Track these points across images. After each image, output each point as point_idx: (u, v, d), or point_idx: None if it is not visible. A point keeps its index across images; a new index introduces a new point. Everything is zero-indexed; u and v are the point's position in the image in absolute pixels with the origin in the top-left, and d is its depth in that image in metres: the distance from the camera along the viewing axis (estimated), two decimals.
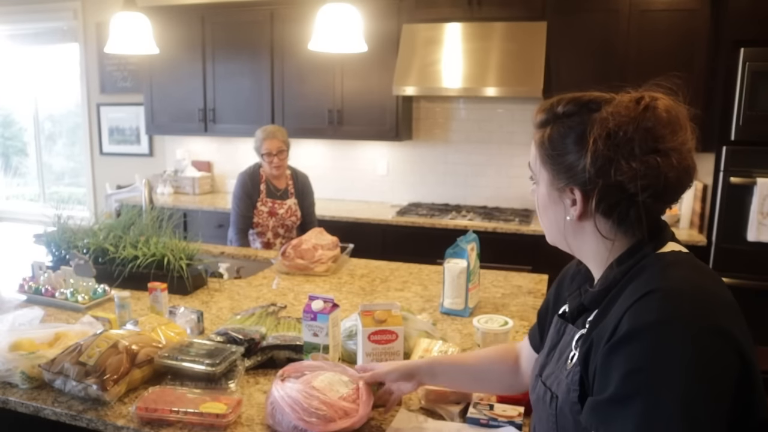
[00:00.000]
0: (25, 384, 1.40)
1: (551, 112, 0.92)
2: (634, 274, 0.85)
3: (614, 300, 0.84)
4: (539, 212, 0.98)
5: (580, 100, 0.89)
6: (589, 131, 0.85)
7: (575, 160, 0.87)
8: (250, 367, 1.51)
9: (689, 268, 0.84)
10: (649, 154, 0.82)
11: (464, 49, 3.63)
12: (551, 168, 0.91)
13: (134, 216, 2.42)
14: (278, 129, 3.16)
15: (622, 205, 0.85)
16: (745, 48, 3.02)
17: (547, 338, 1.02)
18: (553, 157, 0.91)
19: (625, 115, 0.84)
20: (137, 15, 2.55)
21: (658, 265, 0.84)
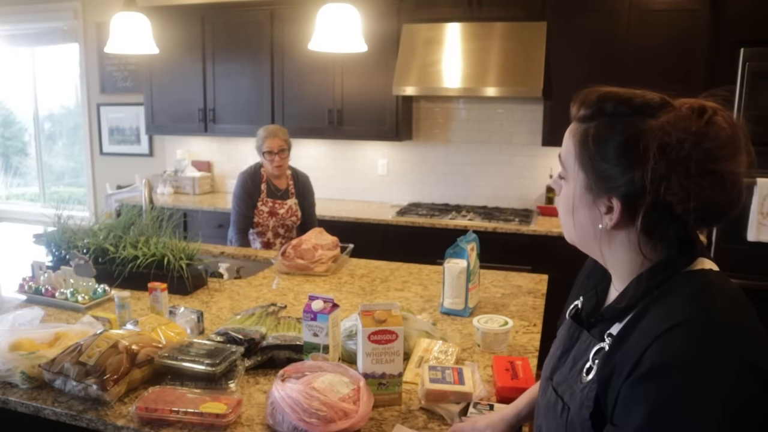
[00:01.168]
0: (25, 384, 1.40)
1: (598, 109, 0.83)
2: (662, 292, 0.79)
3: (639, 318, 0.78)
4: (564, 211, 0.91)
5: (632, 102, 0.80)
6: (642, 140, 0.77)
7: (621, 169, 0.79)
8: (250, 367, 1.51)
9: (721, 292, 0.78)
10: (705, 176, 0.75)
11: (464, 49, 3.63)
12: (591, 172, 0.83)
13: (134, 216, 2.42)
14: (280, 128, 3.17)
15: (664, 224, 0.78)
16: (745, 48, 3.02)
17: (559, 338, 0.99)
18: (595, 161, 0.82)
19: (685, 128, 0.76)
20: (137, 15, 2.55)
21: (689, 287, 0.78)
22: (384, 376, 1.33)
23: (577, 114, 0.86)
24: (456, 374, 1.37)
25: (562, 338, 0.97)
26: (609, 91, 0.83)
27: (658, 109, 0.79)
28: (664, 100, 0.80)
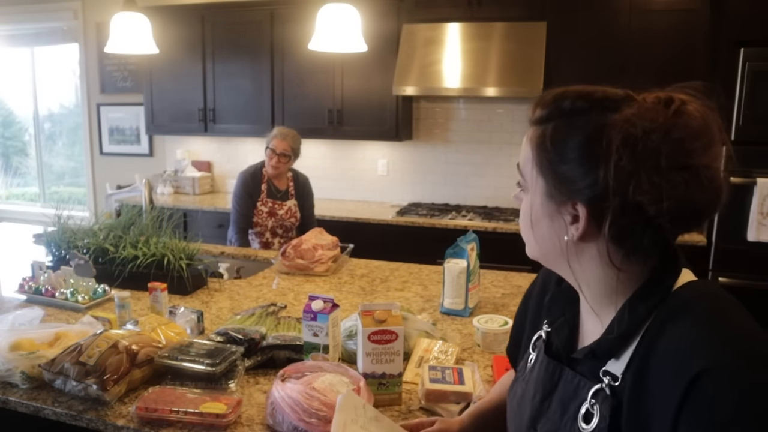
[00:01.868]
0: (25, 384, 1.40)
1: (555, 108, 0.75)
2: (664, 318, 0.70)
3: (647, 355, 0.69)
4: (526, 224, 0.81)
5: (592, 97, 0.73)
6: (604, 136, 0.69)
7: (583, 170, 0.71)
8: (250, 367, 1.51)
9: (729, 310, 0.70)
10: (677, 171, 0.67)
11: (464, 49, 3.63)
12: (551, 176, 0.75)
13: (134, 216, 2.42)
14: (293, 135, 3.16)
15: (637, 230, 0.70)
16: (745, 48, 3.02)
17: (533, 378, 0.85)
18: (554, 164, 0.74)
19: (651, 119, 0.68)
20: (137, 15, 2.55)
21: (697, 309, 0.69)
22: (384, 376, 1.33)
23: (533, 116, 0.78)
24: (456, 374, 1.37)
25: (539, 379, 0.84)
26: (566, 89, 0.76)
27: (621, 102, 0.72)
28: (627, 93, 0.74)
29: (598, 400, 0.72)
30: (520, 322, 1.03)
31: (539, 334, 0.90)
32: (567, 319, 0.85)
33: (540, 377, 0.83)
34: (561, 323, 0.85)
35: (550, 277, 0.94)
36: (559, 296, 0.88)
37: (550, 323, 0.88)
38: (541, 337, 0.89)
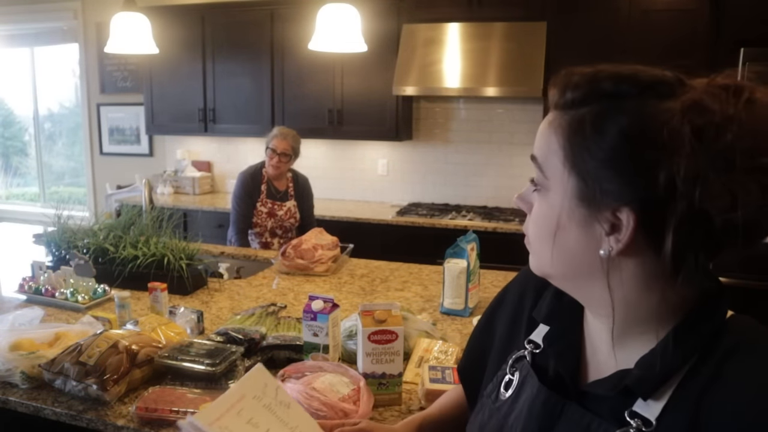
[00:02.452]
0: (25, 384, 1.40)
1: (591, 89, 0.59)
2: (723, 355, 0.58)
3: (700, 397, 0.57)
4: (544, 234, 0.64)
5: (638, 78, 0.58)
6: (665, 126, 0.55)
7: (635, 167, 0.56)
8: (250, 367, 1.51)
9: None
10: (754, 173, 0.53)
11: (464, 49, 3.63)
12: (589, 174, 0.59)
13: (134, 216, 2.42)
14: (293, 135, 3.17)
15: (696, 245, 0.57)
16: (745, 48, 3.02)
17: (521, 410, 0.70)
18: (595, 158, 0.58)
19: (722, 110, 0.54)
20: (137, 15, 2.55)
21: (760, 346, 0.59)
22: (384, 376, 1.33)
23: (560, 99, 0.62)
24: (456, 374, 1.37)
25: (533, 413, 0.68)
26: (598, 68, 0.60)
27: (677, 87, 0.58)
28: (678, 76, 0.59)
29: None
30: (483, 335, 0.88)
31: (520, 354, 0.75)
32: (571, 342, 0.70)
33: (533, 411, 0.68)
34: (564, 347, 0.70)
35: (533, 286, 0.80)
36: (557, 313, 0.73)
37: (546, 345, 0.73)
38: (524, 358, 0.74)
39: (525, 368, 0.73)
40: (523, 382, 0.72)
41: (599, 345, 0.68)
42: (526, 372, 0.73)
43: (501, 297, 0.89)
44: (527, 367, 0.73)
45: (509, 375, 0.75)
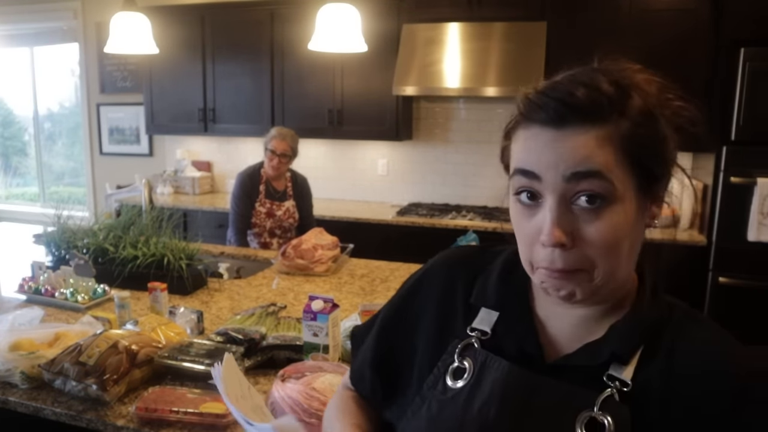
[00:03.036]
0: (25, 384, 1.40)
1: (617, 89, 0.67)
2: (679, 319, 0.70)
3: (668, 356, 0.67)
4: (616, 245, 0.65)
5: (617, 88, 0.67)
6: (661, 113, 0.68)
7: (662, 159, 0.69)
8: (250, 367, 1.51)
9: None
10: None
11: (464, 49, 3.63)
12: (648, 169, 0.66)
13: (134, 216, 2.42)
14: (291, 135, 3.17)
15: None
16: (745, 48, 3.02)
17: (489, 394, 0.71)
18: (651, 155, 0.66)
19: (660, 98, 0.70)
20: (137, 15, 2.55)
21: (700, 315, 0.73)
22: None
23: (593, 107, 0.65)
24: None
25: (507, 391, 0.70)
26: (591, 77, 0.69)
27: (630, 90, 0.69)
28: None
29: (608, 408, 0.65)
30: (396, 332, 0.85)
31: (468, 342, 0.76)
32: (529, 325, 0.74)
33: (508, 390, 0.70)
34: (524, 330, 0.74)
35: (459, 276, 0.82)
36: (508, 299, 0.76)
37: (502, 329, 0.75)
38: (472, 345, 0.75)
39: (479, 354, 0.74)
40: (482, 367, 0.73)
41: (558, 324, 0.73)
42: (484, 357, 0.74)
43: (413, 291, 0.86)
44: (482, 353, 0.74)
45: (458, 363, 0.75)
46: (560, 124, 0.64)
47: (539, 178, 0.65)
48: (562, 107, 0.64)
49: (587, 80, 0.66)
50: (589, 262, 0.65)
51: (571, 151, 0.63)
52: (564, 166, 0.63)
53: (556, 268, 0.65)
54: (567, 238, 0.64)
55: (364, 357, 0.88)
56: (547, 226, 0.64)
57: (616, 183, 0.63)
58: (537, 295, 0.76)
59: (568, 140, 0.63)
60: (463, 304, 0.80)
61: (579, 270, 0.65)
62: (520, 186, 0.67)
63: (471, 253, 0.87)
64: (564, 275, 0.65)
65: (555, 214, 0.64)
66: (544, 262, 0.66)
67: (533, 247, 0.67)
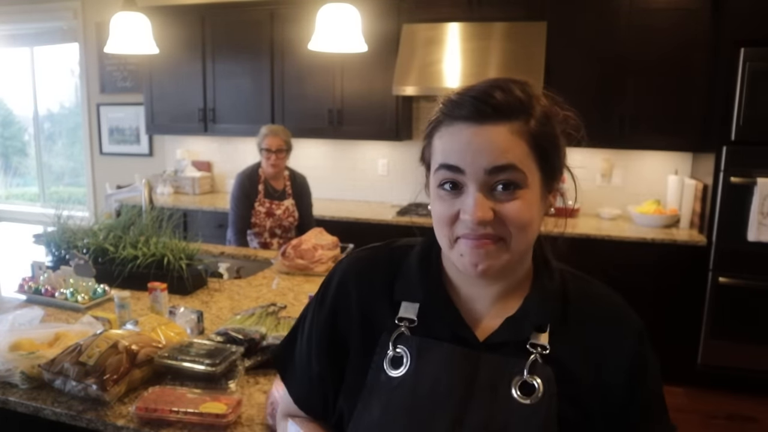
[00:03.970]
0: (25, 384, 1.40)
1: (519, 100, 0.75)
2: (568, 282, 0.85)
3: (570, 320, 0.81)
4: (523, 224, 0.75)
5: (524, 93, 0.76)
6: (551, 122, 0.78)
7: (559, 153, 0.80)
8: (250, 367, 1.51)
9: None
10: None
11: (464, 48, 3.63)
12: (551, 163, 0.78)
13: (134, 216, 2.42)
14: (282, 129, 3.18)
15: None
16: (745, 48, 3.02)
17: (441, 373, 0.78)
18: (554, 150, 0.78)
19: (552, 106, 0.81)
20: (137, 15, 2.55)
21: (583, 275, 0.88)
22: None
23: (505, 108, 0.74)
24: None
25: (453, 372, 0.78)
26: (499, 81, 0.77)
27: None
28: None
29: (535, 371, 0.77)
30: (330, 339, 0.87)
31: (399, 332, 0.82)
32: (453, 311, 0.82)
33: (452, 368, 0.78)
34: (452, 316, 0.82)
35: (377, 278, 0.88)
36: (431, 292, 0.84)
37: (431, 317, 0.82)
38: (403, 334, 0.82)
39: (412, 341, 0.81)
40: (421, 351, 0.80)
41: (477, 306, 0.83)
42: (417, 342, 0.81)
43: (337, 299, 0.88)
44: (414, 339, 0.81)
45: (393, 352, 0.81)
46: (480, 119, 0.73)
47: (462, 171, 0.74)
48: (481, 104, 0.73)
49: (503, 85, 0.75)
50: (505, 232, 0.75)
51: (490, 144, 0.73)
52: (486, 160, 0.73)
53: (478, 234, 0.74)
54: (489, 215, 0.74)
55: (304, 378, 0.91)
56: (471, 207, 0.73)
57: (527, 173, 0.74)
58: (454, 281, 0.85)
59: (486, 134, 0.73)
60: (386, 301, 0.86)
61: (497, 238, 0.75)
62: (443, 179, 0.76)
63: (379, 252, 0.94)
64: (483, 244, 0.75)
65: (479, 199, 0.73)
66: (466, 231, 0.75)
67: (455, 224, 0.76)
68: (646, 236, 3.28)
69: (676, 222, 3.55)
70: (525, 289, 0.83)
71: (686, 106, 3.38)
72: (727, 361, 3.18)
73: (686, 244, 3.24)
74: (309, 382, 0.90)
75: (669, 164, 3.76)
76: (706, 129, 3.34)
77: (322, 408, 0.90)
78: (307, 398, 0.92)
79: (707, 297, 3.21)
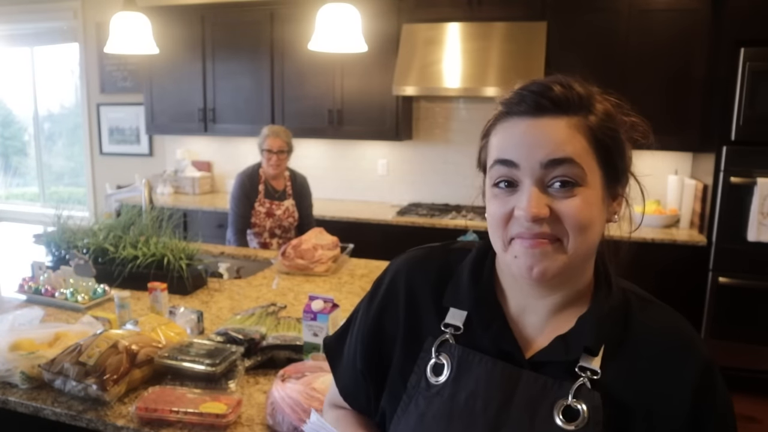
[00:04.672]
0: (25, 384, 1.40)
1: (579, 97, 0.73)
2: (631, 305, 0.78)
3: (628, 343, 0.74)
4: (582, 225, 0.71)
5: (585, 90, 0.75)
6: (615, 114, 0.75)
7: (623, 155, 0.76)
8: (250, 367, 1.51)
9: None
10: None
11: (464, 49, 3.63)
12: (613, 161, 0.74)
13: (134, 216, 2.42)
14: (283, 130, 3.17)
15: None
16: (745, 48, 3.02)
17: (477, 388, 0.76)
18: (617, 149, 0.74)
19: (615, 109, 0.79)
20: (137, 15, 2.55)
21: (650, 297, 0.81)
22: None
23: (570, 103, 0.72)
24: None
25: (491, 387, 0.75)
26: (559, 77, 0.75)
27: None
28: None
29: (581, 396, 0.71)
30: (376, 339, 0.86)
31: (443, 339, 0.80)
32: (503, 323, 0.78)
33: (493, 382, 0.75)
34: (499, 328, 0.78)
35: (425, 280, 0.85)
36: (481, 300, 0.80)
37: (480, 328, 0.79)
38: (447, 341, 0.79)
39: (455, 349, 0.78)
40: (461, 361, 0.77)
41: (529, 319, 0.78)
42: (460, 352, 0.78)
43: (384, 305, 0.87)
44: (457, 348, 0.78)
45: (435, 359, 0.79)
46: (537, 113, 0.71)
47: (517, 166, 0.71)
48: (539, 98, 0.71)
49: (562, 81, 0.73)
50: (562, 232, 0.71)
51: (546, 137, 0.70)
52: (541, 153, 0.70)
53: (534, 233, 0.70)
54: (545, 212, 0.69)
55: (350, 372, 0.90)
56: (525, 202, 0.70)
57: (586, 170, 0.71)
58: (506, 290, 0.81)
59: (543, 127, 0.71)
60: (434, 305, 0.83)
61: (554, 239, 0.71)
62: (498, 176, 0.73)
63: (435, 253, 0.89)
64: (539, 244, 0.70)
65: (534, 194, 0.70)
66: (521, 229, 0.71)
67: (509, 223, 0.73)
68: (646, 236, 3.28)
69: (676, 222, 3.55)
70: (582, 307, 0.77)
71: (686, 105, 3.38)
72: (727, 361, 3.18)
73: (686, 244, 3.24)
74: (354, 376, 0.89)
75: (669, 164, 3.76)
76: (706, 129, 3.34)
77: (366, 402, 0.89)
78: (353, 391, 0.91)
79: (707, 297, 3.21)
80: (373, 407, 0.88)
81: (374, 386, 0.87)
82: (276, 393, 1.24)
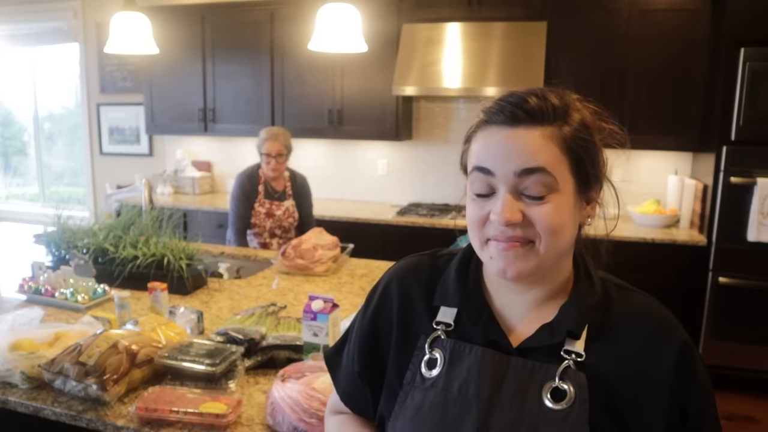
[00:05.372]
0: (25, 384, 1.40)
1: (555, 106, 0.77)
2: (610, 291, 0.83)
3: (606, 327, 0.79)
4: (553, 229, 0.76)
5: (562, 100, 0.79)
6: (589, 129, 0.79)
7: (595, 161, 0.80)
8: (250, 367, 1.51)
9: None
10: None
11: (464, 48, 3.63)
12: (585, 169, 0.78)
13: (134, 216, 2.42)
14: (282, 132, 3.15)
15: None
16: (745, 48, 3.02)
17: (468, 376, 0.80)
18: (589, 157, 0.78)
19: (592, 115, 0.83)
20: (137, 15, 2.55)
21: (627, 285, 0.86)
22: None
23: (541, 113, 0.76)
24: None
25: (481, 374, 0.80)
26: (534, 89, 0.79)
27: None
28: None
29: (567, 377, 0.76)
30: (373, 341, 0.91)
31: (436, 335, 0.84)
32: (489, 316, 0.83)
33: (483, 370, 0.80)
34: (486, 321, 0.83)
35: (416, 282, 0.90)
36: (468, 297, 0.85)
37: (470, 322, 0.84)
38: (439, 338, 0.84)
39: (447, 343, 0.84)
40: (453, 353, 0.83)
41: (514, 312, 0.84)
42: (452, 345, 0.83)
43: (378, 311, 0.92)
44: (449, 342, 0.84)
45: (429, 355, 0.84)
46: (513, 123, 0.76)
47: (493, 174, 0.76)
48: (515, 109, 0.76)
49: (538, 92, 0.77)
50: (535, 235, 0.76)
51: (520, 147, 0.75)
52: (515, 162, 0.75)
53: (507, 236, 0.76)
54: (517, 218, 0.75)
55: (349, 376, 0.95)
56: (500, 208, 0.75)
57: (558, 178, 0.75)
58: (491, 288, 0.86)
59: (518, 137, 0.75)
60: (425, 307, 0.88)
61: (526, 241, 0.76)
62: (476, 182, 0.79)
63: (423, 261, 0.95)
64: (511, 246, 0.76)
65: (508, 201, 0.75)
66: (496, 232, 0.77)
67: (485, 225, 0.78)
68: (646, 236, 3.28)
69: (676, 222, 3.55)
70: (563, 298, 0.82)
71: (686, 105, 3.39)
72: (726, 361, 3.18)
73: (686, 244, 3.24)
74: (353, 380, 0.94)
75: (669, 164, 3.76)
76: (706, 129, 3.34)
77: (366, 405, 0.94)
78: (353, 395, 0.96)
79: (707, 297, 3.21)
80: (372, 410, 0.92)
81: (372, 388, 0.91)
82: (276, 393, 1.24)
